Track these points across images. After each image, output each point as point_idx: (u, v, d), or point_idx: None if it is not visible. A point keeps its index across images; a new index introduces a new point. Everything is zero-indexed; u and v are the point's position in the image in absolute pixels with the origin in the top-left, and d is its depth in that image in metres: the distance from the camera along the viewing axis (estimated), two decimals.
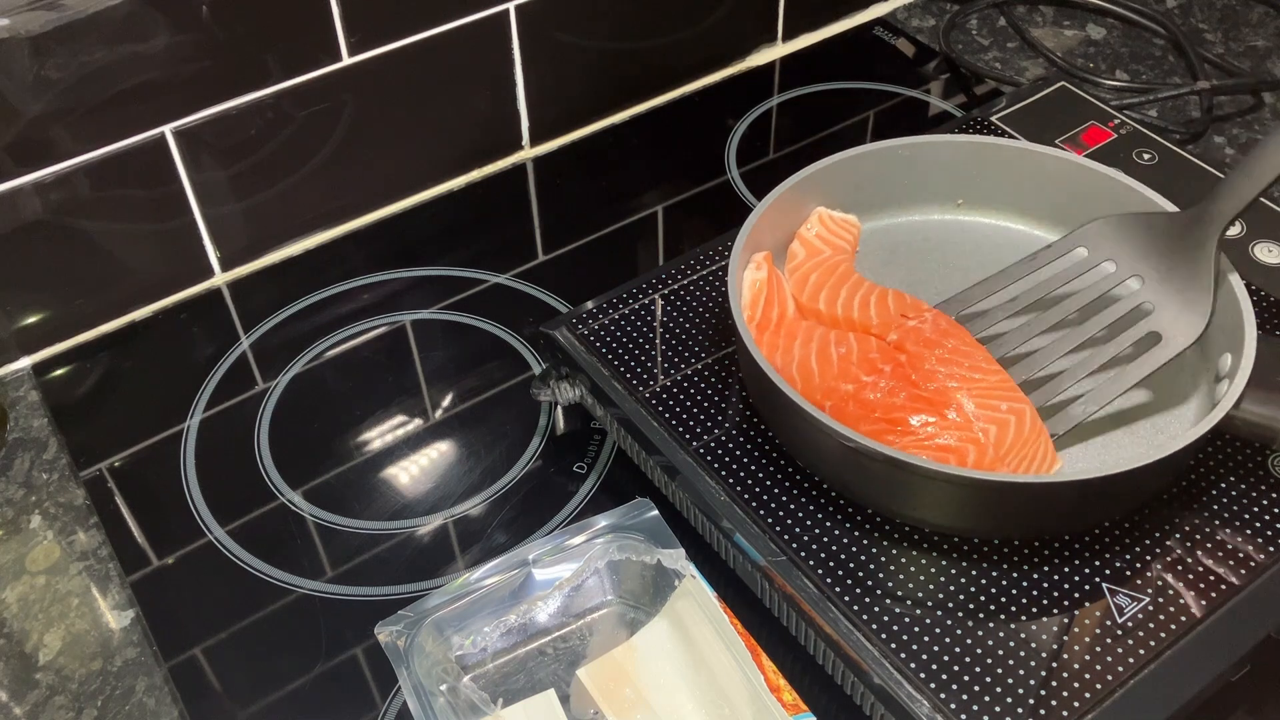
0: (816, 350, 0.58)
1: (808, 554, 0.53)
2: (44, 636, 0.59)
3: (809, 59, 0.96)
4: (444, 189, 0.85)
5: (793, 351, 0.58)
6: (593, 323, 0.64)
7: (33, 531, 0.64)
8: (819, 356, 0.57)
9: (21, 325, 0.72)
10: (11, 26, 0.63)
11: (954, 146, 0.67)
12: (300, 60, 0.73)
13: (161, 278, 0.76)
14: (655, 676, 0.52)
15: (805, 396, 0.54)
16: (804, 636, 0.52)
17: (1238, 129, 0.86)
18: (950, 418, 0.54)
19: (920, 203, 0.68)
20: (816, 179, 0.65)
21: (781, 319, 0.61)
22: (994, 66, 0.94)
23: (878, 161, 0.66)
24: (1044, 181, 0.66)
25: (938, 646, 0.49)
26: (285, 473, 0.66)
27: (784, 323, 0.61)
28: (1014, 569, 0.52)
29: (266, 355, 0.73)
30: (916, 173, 0.67)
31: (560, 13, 0.82)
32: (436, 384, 0.71)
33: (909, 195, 0.68)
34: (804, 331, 0.59)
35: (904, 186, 0.68)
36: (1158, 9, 0.98)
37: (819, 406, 0.54)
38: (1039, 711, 0.47)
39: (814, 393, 0.56)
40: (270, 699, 0.56)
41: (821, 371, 0.57)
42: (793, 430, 0.56)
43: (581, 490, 0.64)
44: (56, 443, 0.69)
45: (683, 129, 0.90)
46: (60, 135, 0.67)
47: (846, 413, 0.55)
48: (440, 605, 0.54)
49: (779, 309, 0.61)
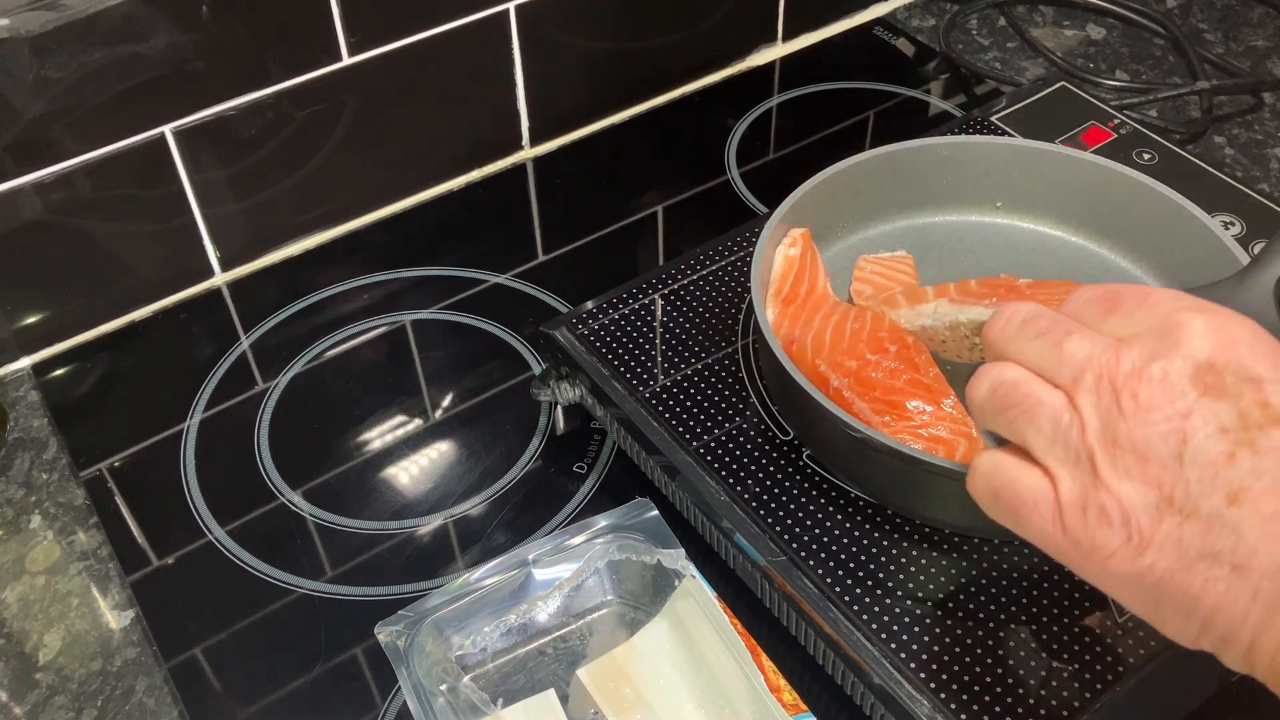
0: (834, 324, 0.58)
1: (808, 554, 0.53)
2: (44, 636, 0.59)
3: (809, 59, 0.96)
4: (444, 189, 0.85)
5: (812, 323, 0.59)
6: (593, 323, 0.64)
7: (33, 531, 0.64)
8: (834, 330, 0.58)
9: (21, 325, 0.72)
10: (11, 26, 0.63)
11: (995, 148, 0.66)
12: (300, 60, 0.73)
13: (161, 278, 0.76)
14: (655, 676, 0.52)
15: (812, 366, 0.54)
16: (804, 636, 0.52)
17: (1238, 129, 0.86)
18: (946, 408, 0.54)
19: (959, 203, 0.68)
20: (858, 170, 0.64)
21: (810, 294, 0.61)
22: (994, 66, 0.94)
23: (918, 158, 0.66)
24: (1085, 189, 0.65)
25: (938, 646, 0.49)
26: (285, 473, 0.66)
27: (811, 297, 0.61)
28: (1014, 569, 0.52)
29: (266, 355, 0.73)
30: (957, 172, 0.67)
31: (560, 13, 0.82)
32: (436, 384, 0.71)
33: (948, 195, 0.68)
34: (828, 307, 0.60)
35: (943, 185, 0.67)
36: (1158, 9, 0.98)
37: (824, 378, 0.54)
38: (1039, 711, 0.47)
39: (821, 364, 0.56)
40: (270, 699, 0.56)
41: (832, 344, 0.57)
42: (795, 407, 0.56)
43: (581, 490, 0.64)
44: (56, 443, 0.69)
45: (683, 129, 0.90)
46: (60, 135, 0.67)
47: (848, 388, 0.55)
48: (440, 605, 0.54)
49: (809, 284, 0.61)
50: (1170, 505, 0.36)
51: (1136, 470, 0.37)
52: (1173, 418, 0.36)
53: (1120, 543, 0.37)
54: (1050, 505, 0.39)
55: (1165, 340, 0.38)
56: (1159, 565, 0.36)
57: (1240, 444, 0.36)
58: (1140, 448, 0.37)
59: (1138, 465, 0.37)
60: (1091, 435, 0.38)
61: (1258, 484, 0.35)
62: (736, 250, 0.68)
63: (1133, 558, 0.37)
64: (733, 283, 0.66)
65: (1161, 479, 0.36)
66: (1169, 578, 0.36)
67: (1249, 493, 0.35)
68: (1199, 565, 0.36)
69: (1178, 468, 0.36)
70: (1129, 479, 0.37)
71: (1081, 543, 0.38)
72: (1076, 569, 0.40)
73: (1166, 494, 0.36)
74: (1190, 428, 0.36)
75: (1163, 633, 0.38)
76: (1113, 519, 0.37)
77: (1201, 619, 0.36)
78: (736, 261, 0.67)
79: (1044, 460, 0.39)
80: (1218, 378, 0.37)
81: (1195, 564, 0.36)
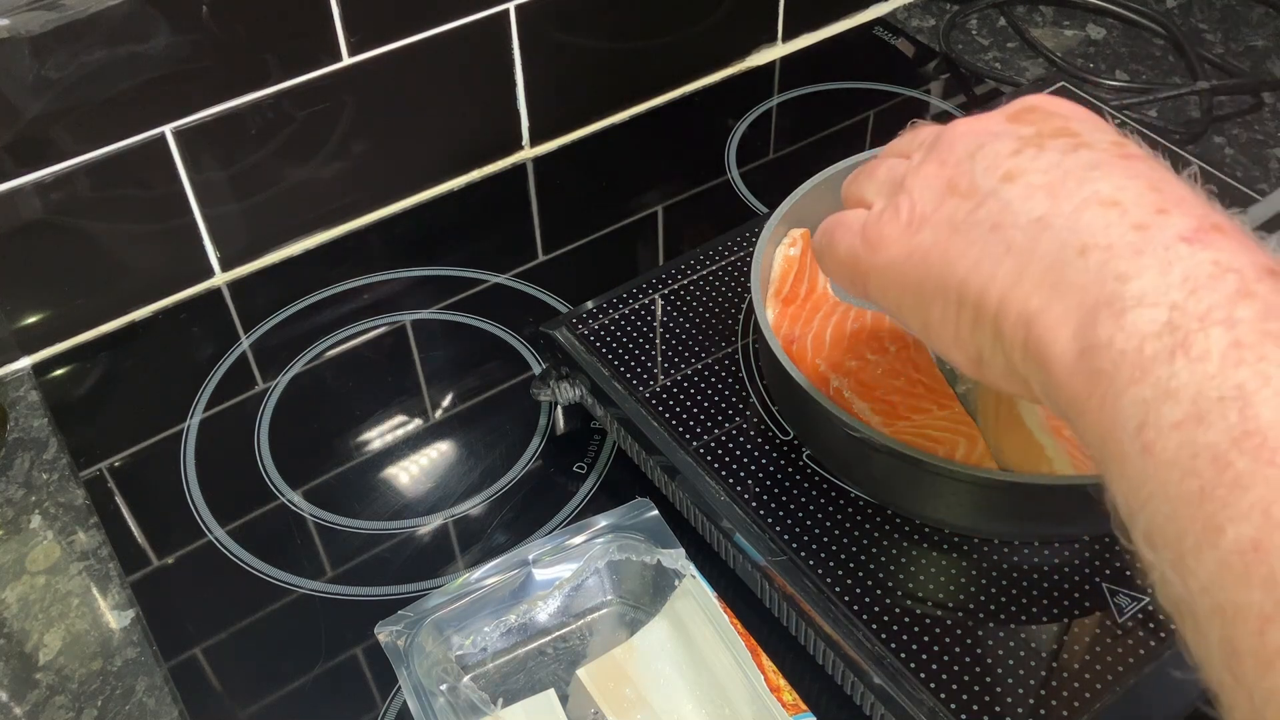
0: (834, 324, 0.58)
1: (808, 554, 0.53)
2: (44, 636, 0.59)
3: (809, 59, 0.96)
4: (444, 189, 0.85)
5: (812, 323, 0.59)
6: (593, 323, 0.64)
7: (33, 531, 0.64)
8: (834, 330, 0.58)
9: (21, 325, 0.72)
10: (11, 26, 0.63)
11: None
12: (300, 60, 0.73)
13: (161, 278, 0.76)
14: (655, 676, 0.52)
15: (812, 366, 0.54)
16: (804, 636, 0.52)
17: (1237, 129, 0.86)
18: (946, 408, 0.54)
19: None
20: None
21: (810, 294, 0.61)
22: (994, 66, 0.94)
23: None
24: None
25: (938, 646, 0.49)
26: (285, 473, 0.66)
27: (811, 297, 0.61)
28: (1014, 569, 0.52)
29: (266, 355, 0.73)
30: None
31: (560, 13, 0.82)
32: (436, 384, 0.71)
33: None
34: (828, 307, 0.60)
35: None
36: (1158, 9, 0.98)
37: (824, 378, 0.54)
38: (1039, 711, 0.47)
39: (821, 364, 0.56)
40: (270, 699, 0.56)
41: (832, 344, 0.57)
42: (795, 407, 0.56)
43: (581, 490, 0.64)
44: (56, 443, 0.69)
45: (683, 129, 0.90)
46: (60, 135, 0.67)
47: (848, 388, 0.55)
48: (440, 605, 0.54)
49: (809, 284, 0.61)
50: (952, 189, 0.38)
51: (933, 173, 0.39)
52: (978, 134, 0.39)
53: (900, 228, 0.39)
54: (858, 220, 0.42)
55: (997, 108, 0.40)
56: (928, 240, 0.38)
57: (1028, 143, 0.38)
58: (943, 156, 0.40)
59: (936, 169, 0.39)
60: (908, 166, 0.41)
61: (1033, 165, 0.37)
62: (736, 250, 0.68)
63: (908, 237, 0.39)
64: (733, 283, 0.66)
65: (953, 175, 0.39)
66: (934, 249, 0.38)
67: (1025, 173, 0.37)
68: (962, 232, 0.37)
69: (969, 164, 0.38)
70: (924, 179, 0.40)
71: (870, 238, 0.41)
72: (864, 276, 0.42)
73: (952, 182, 0.39)
74: (990, 137, 0.39)
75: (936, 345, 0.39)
76: (900, 211, 0.40)
77: (956, 289, 0.37)
78: (736, 261, 0.67)
79: (872, 199, 0.42)
80: (1030, 113, 0.39)
81: (960, 233, 0.37)
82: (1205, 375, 0.29)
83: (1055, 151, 0.36)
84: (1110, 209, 0.34)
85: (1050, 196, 0.35)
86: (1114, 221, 0.33)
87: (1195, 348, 0.29)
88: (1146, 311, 0.31)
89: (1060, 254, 0.34)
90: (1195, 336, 0.29)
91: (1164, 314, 0.30)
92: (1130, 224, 0.33)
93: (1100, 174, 0.35)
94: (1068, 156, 0.36)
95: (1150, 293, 0.31)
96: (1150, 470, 0.29)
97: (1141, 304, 0.31)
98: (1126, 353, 0.31)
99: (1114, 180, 0.35)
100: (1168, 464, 0.29)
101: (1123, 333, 0.31)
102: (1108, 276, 0.32)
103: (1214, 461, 0.28)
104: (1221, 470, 0.28)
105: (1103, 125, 0.38)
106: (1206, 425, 0.28)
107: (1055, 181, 0.36)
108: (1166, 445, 0.29)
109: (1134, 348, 0.30)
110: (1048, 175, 0.36)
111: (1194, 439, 0.28)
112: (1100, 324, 0.32)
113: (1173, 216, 0.33)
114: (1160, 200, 0.33)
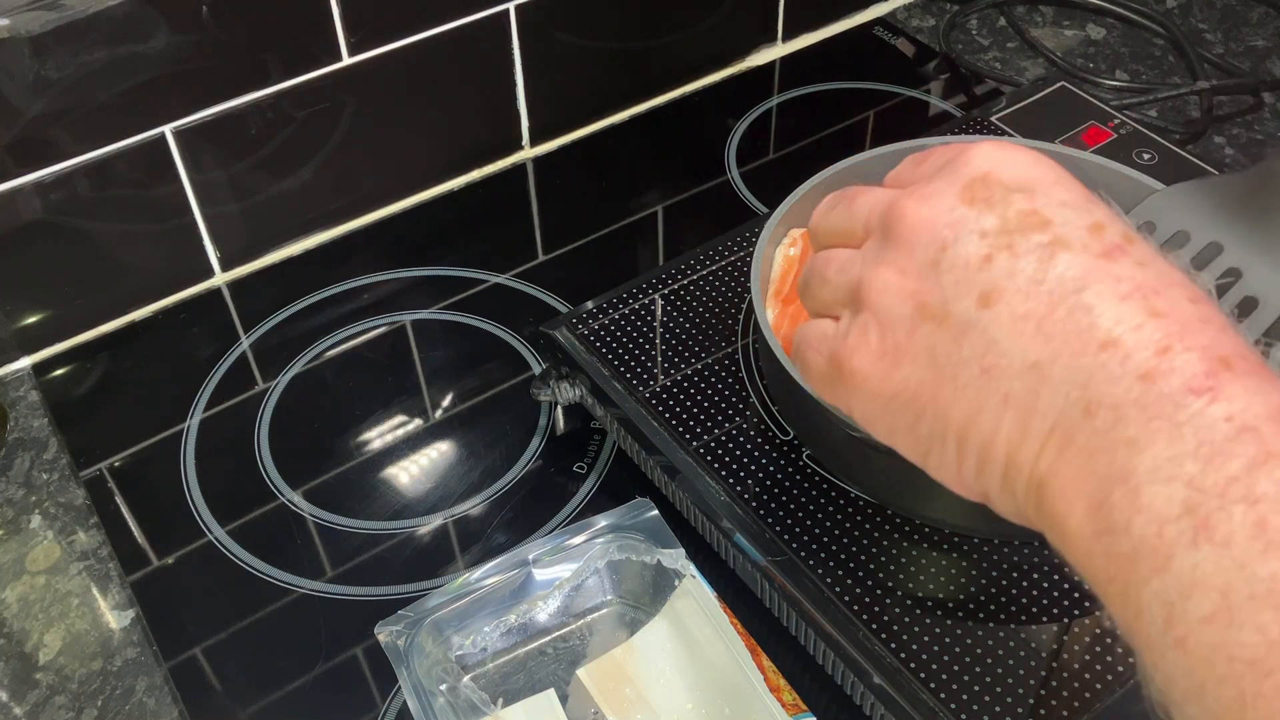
0: None
1: (808, 554, 0.53)
2: (44, 636, 0.59)
3: (809, 59, 0.96)
4: (444, 189, 0.85)
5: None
6: (593, 323, 0.64)
7: (33, 531, 0.64)
8: None
9: (21, 325, 0.72)
10: (11, 26, 0.63)
11: None
12: (300, 60, 0.73)
13: (161, 278, 0.76)
14: (655, 676, 0.52)
15: None
16: (804, 636, 0.52)
17: (1238, 129, 0.86)
18: None
19: None
20: (858, 170, 0.64)
21: None
22: (994, 66, 0.94)
23: None
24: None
25: (938, 646, 0.49)
26: (285, 473, 0.66)
27: None
28: (1014, 569, 0.52)
29: (266, 355, 0.73)
30: None
31: (560, 13, 0.82)
32: (436, 384, 0.71)
33: None
34: None
35: None
36: (1158, 9, 0.98)
37: None
38: (1039, 711, 0.47)
39: None
40: (270, 699, 0.56)
41: None
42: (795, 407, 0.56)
43: (581, 490, 0.64)
44: (56, 443, 0.69)
45: (683, 129, 0.90)
46: (60, 135, 0.67)
47: None
48: (440, 605, 0.54)
49: None
50: (924, 313, 0.35)
51: (894, 283, 0.36)
52: (935, 228, 0.35)
53: (874, 360, 0.36)
54: (824, 340, 0.39)
55: (948, 168, 0.37)
56: (913, 379, 0.35)
57: (998, 247, 0.34)
58: (902, 263, 0.36)
59: (896, 279, 0.36)
60: (864, 265, 0.37)
61: (1011, 284, 0.33)
62: (736, 250, 0.68)
63: (888, 373, 0.36)
64: (733, 283, 0.66)
65: (918, 290, 0.35)
66: (923, 391, 0.35)
67: (1003, 294, 0.33)
68: (949, 373, 0.34)
69: (934, 276, 0.35)
70: (886, 293, 0.36)
71: (842, 369, 0.37)
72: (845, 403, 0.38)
73: (921, 301, 0.35)
74: (950, 237, 0.35)
75: (938, 478, 0.37)
76: (869, 336, 0.36)
77: (956, 437, 0.34)
78: (736, 261, 0.67)
79: (835, 311, 0.39)
80: (987, 189, 0.35)
81: (946, 372, 0.34)
82: (1233, 565, 0.27)
83: (1031, 259, 0.33)
84: (1110, 352, 0.31)
85: (1040, 333, 0.32)
86: (1116, 372, 0.31)
87: (1218, 531, 0.28)
88: (1162, 489, 0.29)
89: (1065, 412, 0.32)
90: (1216, 516, 0.28)
91: (1181, 491, 0.28)
92: (1134, 374, 0.31)
93: (1090, 296, 0.32)
94: (1046, 268, 0.33)
95: (1164, 465, 0.29)
96: (1186, 667, 0.28)
97: (1155, 479, 0.29)
98: (1146, 539, 0.29)
99: (1106, 304, 0.32)
100: (1203, 662, 0.27)
101: (1140, 516, 0.29)
102: (1118, 442, 0.30)
103: (1252, 667, 0.26)
104: (1261, 678, 0.26)
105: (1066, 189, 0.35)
106: (1239, 626, 0.27)
107: (1042, 312, 0.32)
108: (1200, 642, 0.27)
109: (1153, 533, 0.29)
110: (1030, 302, 0.33)
111: (1227, 640, 0.27)
112: (1116, 506, 0.30)
113: (1177, 357, 0.30)
114: (1161, 330, 0.31)
